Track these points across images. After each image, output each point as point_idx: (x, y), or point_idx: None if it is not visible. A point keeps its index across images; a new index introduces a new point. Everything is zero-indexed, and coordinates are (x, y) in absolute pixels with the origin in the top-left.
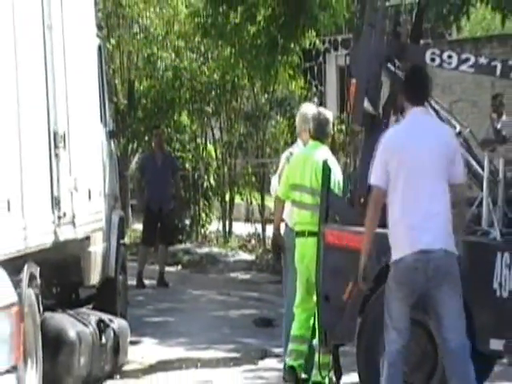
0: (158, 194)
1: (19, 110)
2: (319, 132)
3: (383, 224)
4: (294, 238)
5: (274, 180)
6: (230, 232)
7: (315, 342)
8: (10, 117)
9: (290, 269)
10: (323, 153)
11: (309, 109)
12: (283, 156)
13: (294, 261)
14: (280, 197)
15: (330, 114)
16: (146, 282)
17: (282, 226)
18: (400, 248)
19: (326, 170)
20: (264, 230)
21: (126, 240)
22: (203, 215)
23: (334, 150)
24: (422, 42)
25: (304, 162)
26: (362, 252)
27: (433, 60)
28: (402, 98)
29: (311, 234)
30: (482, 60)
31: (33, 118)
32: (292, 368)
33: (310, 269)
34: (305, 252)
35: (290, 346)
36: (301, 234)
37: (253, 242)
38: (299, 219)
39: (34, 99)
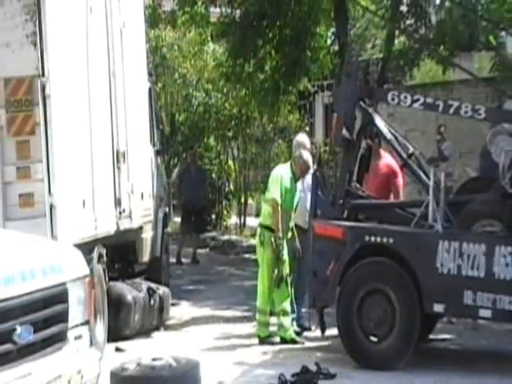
0: (192, 196)
1: (91, 136)
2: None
3: (358, 218)
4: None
5: None
6: (245, 224)
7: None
8: (85, 140)
9: None
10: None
11: (298, 138)
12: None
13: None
14: None
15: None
16: (183, 260)
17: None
18: None
19: (315, 180)
20: None
21: (169, 229)
22: (225, 212)
23: (320, 165)
24: (385, 86)
25: None
26: None
27: (393, 100)
28: None
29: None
30: (429, 100)
31: (101, 140)
32: (260, 337)
33: (267, 254)
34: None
35: (257, 317)
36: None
37: None
38: None
39: (102, 127)
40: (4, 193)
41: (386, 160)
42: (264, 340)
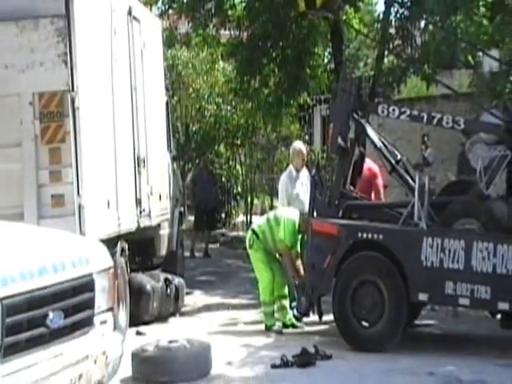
0: (204, 197)
1: (115, 143)
2: None
3: (352, 217)
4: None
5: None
6: (251, 222)
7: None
8: (109, 147)
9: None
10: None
11: (297, 145)
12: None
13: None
14: None
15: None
16: (196, 254)
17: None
18: None
19: (313, 182)
20: None
21: (183, 227)
22: (233, 211)
23: (318, 169)
24: (376, 100)
25: None
26: None
27: (383, 112)
28: None
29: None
30: (414, 112)
31: (124, 147)
32: (267, 326)
33: (259, 254)
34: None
35: (262, 309)
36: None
37: None
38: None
39: (125, 136)
40: (38, 194)
41: (368, 164)
42: (270, 328)
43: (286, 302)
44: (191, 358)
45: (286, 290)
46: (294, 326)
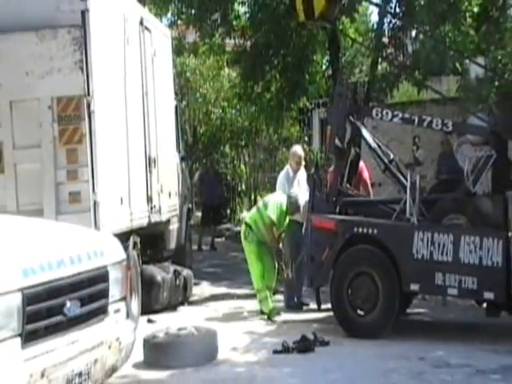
0: (210, 194)
1: (128, 144)
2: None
3: (348, 213)
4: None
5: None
6: None
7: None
8: (122, 148)
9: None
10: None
11: (296, 148)
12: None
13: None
14: None
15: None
16: (203, 247)
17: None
18: None
19: (312, 181)
20: None
21: (191, 222)
22: (238, 207)
23: (317, 169)
24: (370, 104)
25: None
26: None
27: (377, 115)
28: None
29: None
30: (406, 115)
31: (136, 148)
32: (262, 311)
33: (252, 247)
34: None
35: (258, 297)
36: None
37: None
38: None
39: (137, 137)
40: (56, 191)
41: None
42: (269, 314)
43: (270, 293)
44: (199, 344)
45: (273, 283)
46: (269, 314)
